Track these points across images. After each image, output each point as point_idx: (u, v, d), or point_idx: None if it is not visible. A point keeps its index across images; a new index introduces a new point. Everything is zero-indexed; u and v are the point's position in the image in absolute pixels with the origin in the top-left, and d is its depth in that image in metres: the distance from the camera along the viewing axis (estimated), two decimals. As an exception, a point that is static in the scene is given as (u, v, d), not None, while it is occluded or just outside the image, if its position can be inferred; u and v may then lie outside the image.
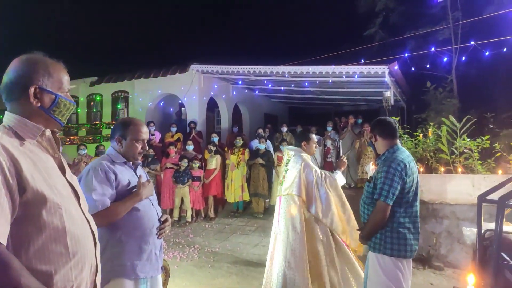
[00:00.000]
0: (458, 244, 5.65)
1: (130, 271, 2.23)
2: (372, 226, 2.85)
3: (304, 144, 4.07)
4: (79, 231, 1.42)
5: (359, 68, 8.55)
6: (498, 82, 10.65)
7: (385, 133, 3.00)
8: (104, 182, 2.24)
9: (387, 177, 2.77)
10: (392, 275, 2.81)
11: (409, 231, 2.84)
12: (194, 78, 10.68)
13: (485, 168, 6.31)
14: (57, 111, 1.49)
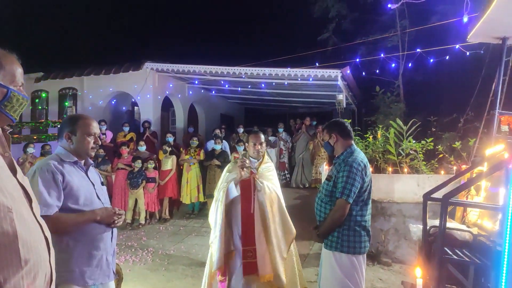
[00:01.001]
0: (405, 240, 5.96)
1: (78, 277, 2.14)
2: (331, 224, 2.92)
3: (246, 147, 3.97)
4: (32, 237, 1.31)
5: (313, 71, 8.77)
6: (441, 88, 11.39)
7: (345, 134, 3.12)
8: (50, 184, 2.12)
9: (349, 176, 2.87)
10: (349, 272, 2.92)
11: (364, 229, 2.98)
12: (148, 77, 10.41)
13: (429, 168, 6.71)
14: (9, 106, 1.41)
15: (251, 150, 3.66)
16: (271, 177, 3.67)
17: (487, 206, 3.68)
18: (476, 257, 3.25)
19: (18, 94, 1.43)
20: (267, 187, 3.51)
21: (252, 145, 3.65)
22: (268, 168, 3.70)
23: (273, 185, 3.61)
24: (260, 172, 3.60)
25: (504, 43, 4.38)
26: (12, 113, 1.43)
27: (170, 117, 13.67)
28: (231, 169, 3.70)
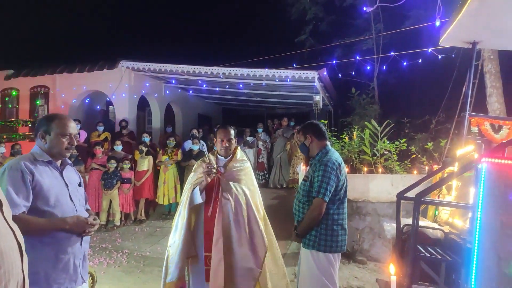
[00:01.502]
0: (379, 239, 6.09)
1: (42, 280, 2.08)
2: (309, 223, 2.97)
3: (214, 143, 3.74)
4: (3, 243, 1.24)
5: (291, 72, 8.84)
6: (414, 91, 11.72)
7: (320, 135, 3.19)
8: (19, 184, 2.05)
9: (324, 175, 2.94)
10: (326, 270, 2.98)
11: (341, 227, 3.05)
12: (123, 75, 10.22)
13: (402, 168, 6.89)
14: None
15: (218, 146, 3.31)
16: (243, 177, 3.25)
17: (457, 205, 3.81)
18: (448, 255, 3.35)
19: None
20: (235, 188, 3.13)
21: (220, 141, 3.29)
22: (240, 167, 3.29)
23: (245, 187, 3.20)
24: (228, 171, 3.23)
25: (474, 48, 4.55)
26: None
27: (146, 116, 13.46)
28: (196, 168, 3.37)
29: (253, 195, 3.23)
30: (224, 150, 3.30)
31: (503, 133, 4.18)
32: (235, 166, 3.28)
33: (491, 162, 2.93)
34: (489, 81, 7.04)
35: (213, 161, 3.22)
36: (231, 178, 3.20)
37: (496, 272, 2.79)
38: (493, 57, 7.05)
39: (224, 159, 3.31)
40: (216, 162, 3.26)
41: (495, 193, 2.89)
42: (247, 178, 3.29)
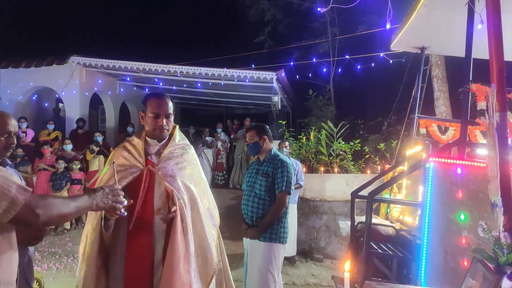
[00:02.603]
0: (335, 236, 6.25)
1: None
2: (274, 217, 3.15)
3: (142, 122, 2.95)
4: None
5: (249, 73, 8.86)
6: (367, 93, 12.16)
7: (271, 138, 3.42)
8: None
9: (288, 171, 3.21)
10: (280, 261, 3.22)
11: (287, 220, 3.29)
12: (74, 71, 9.73)
13: (356, 168, 7.12)
14: None
15: (150, 125, 2.22)
16: (187, 170, 2.26)
17: (407, 202, 3.99)
18: (399, 251, 3.50)
19: None
20: (177, 187, 2.14)
21: (152, 117, 2.19)
22: (181, 155, 2.28)
23: (191, 184, 2.23)
24: (164, 161, 2.20)
25: (422, 53, 4.79)
26: None
27: (99, 115, 12.92)
28: (113, 156, 2.25)
29: (203, 195, 2.28)
30: (159, 131, 2.21)
31: (449, 134, 4.42)
32: (174, 154, 2.25)
33: (437, 161, 3.09)
34: (436, 85, 7.46)
35: (118, 185, 1.77)
36: (169, 171, 2.17)
37: (443, 266, 2.94)
38: (440, 63, 7.48)
39: (157, 144, 2.25)
40: (146, 149, 2.22)
41: (442, 190, 3.06)
42: (194, 170, 2.30)
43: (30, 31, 16.96)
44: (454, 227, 2.94)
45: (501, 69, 1.20)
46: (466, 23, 3.20)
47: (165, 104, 2.23)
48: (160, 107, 2.21)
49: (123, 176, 2.12)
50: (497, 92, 1.20)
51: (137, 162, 2.19)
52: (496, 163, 1.19)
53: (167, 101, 2.25)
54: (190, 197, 2.18)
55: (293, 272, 5.49)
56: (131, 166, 2.18)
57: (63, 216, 1.46)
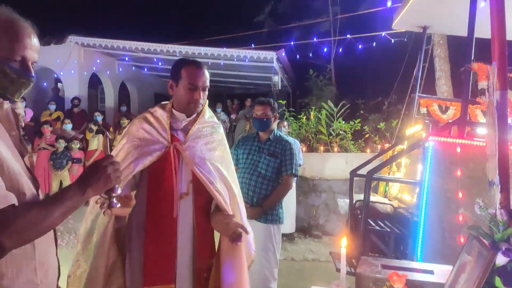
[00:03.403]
0: (334, 214, 6.33)
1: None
2: (280, 199, 3.17)
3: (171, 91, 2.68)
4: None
5: (249, 53, 8.78)
6: (368, 73, 12.09)
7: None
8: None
9: (295, 153, 3.20)
10: (280, 240, 3.27)
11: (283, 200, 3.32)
12: (72, 51, 9.63)
13: (356, 147, 7.15)
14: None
15: (184, 97, 1.85)
16: (217, 151, 1.96)
17: (405, 181, 4.02)
18: (396, 228, 3.55)
19: (8, 68, 1.10)
20: (211, 166, 1.87)
21: (188, 88, 1.83)
22: (211, 134, 1.97)
23: (224, 169, 1.93)
24: (192, 140, 1.89)
25: (424, 32, 4.73)
26: (2, 90, 1.12)
27: (98, 95, 12.86)
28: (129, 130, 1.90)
29: (234, 180, 2.00)
30: (194, 105, 1.86)
31: (449, 114, 4.42)
32: (203, 132, 1.94)
33: (437, 140, 3.10)
34: (438, 65, 7.40)
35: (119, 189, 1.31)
36: (197, 152, 1.87)
37: (440, 243, 3.00)
38: (442, 42, 7.40)
39: (185, 119, 1.92)
40: (171, 124, 1.89)
41: (441, 169, 3.08)
42: (224, 152, 2.02)
43: (27, 10, 16.66)
44: (452, 205, 2.97)
45: (502, 47, 1.20)
46: (468, 1, 3.16)
47: (204, 74, 1.88)
48: (199, 78, 1.85)
49: (142, 153, 1.79)
50: (498, 70, 1.19)
51: (161, 137, 1.84)
52: (495, 142, 1.20)
53: (205, 71, 1.90)
54: (225, 183, 1.91)
55: (292, 248, 5.59)
56: (153, 141, 1.83)
57: (41, 232, 1.07)
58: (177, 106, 1.90)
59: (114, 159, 1.21)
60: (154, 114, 1.91)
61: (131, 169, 1.76)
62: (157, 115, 1.91)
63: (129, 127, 1.91)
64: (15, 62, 1.11)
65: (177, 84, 1.87)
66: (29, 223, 1.00)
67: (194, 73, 1.84)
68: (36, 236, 1.07)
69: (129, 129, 1.90)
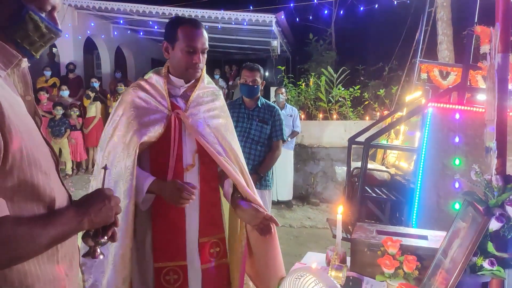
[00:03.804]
0: (332, 182, 6.38)
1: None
2: (273, 164, 3.25)
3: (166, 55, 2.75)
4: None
5: (247, 15, 8.53)
6: (369, 37, 11.79)
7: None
8: None
9: (282, 118, 3.28)
10: (270, 205, 3.43)
11: None
12: (66, 14, 9.34)
13: (355, 114, 7.10)
14: (21, 34, 0.93)
15: (182, 61, 1.67)
16: (221, 120, 1.83)
17: (403, 148, 4.01)
18: (392, 194, 3.58)
19: (40, 19, 0.93)
20: (217, 135, 1.75)
21: (186, 51, 1.65)
22: (213, 100, 1.83)
23: (232, 140, 1.81)
24: (193, 107, 1.76)
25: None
26: (27, 46, 0.95)
27: (94, 61, 12.63)
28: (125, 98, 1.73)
29: (239, 151, 1.85)
30: (193, 70, 1.70)
31: (450, 80, 4.34)
32: (204, 98, 1.81)
33: (436, 107, 3.06)
34: (440, 29, 7.18)
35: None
36: (200, 119, 1.74)
37: (436, 210, 3.03)
38: (446, 4, 7.14)
39: (184, 85, 1.75)
40: (169, 91, 1.74)
41: (438, 136, 3.06)
42: (228, 121, 1.88)
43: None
44: (448, 172, 2.98)
45: (507, 8, 1.14)
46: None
47: (202, 35, 1.68)
48: (198, 39, 1.66)
49: (143, 123, 1.64)
50: (501, 32, 1.14)
51: (160, 105, 1.70)
52: (494, 107, 1.17)
53: (204, 31, 1.70)
54: (232, 154, 1.77)
55: (290, 215, 5.67)
56: (152, 110, 1.68)
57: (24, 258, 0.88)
58: (174, 71, 1.74)
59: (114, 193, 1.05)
60: (149, 81, 1.75)
61: (135, 142, 1.61)
62: (152, 81, 1.75)
63: (123, 96, 1.74)
64: (45, 12, 0.97)
65: (173, 47, 1.69)
66: (12, 242, 0.83)
67: (192, 33, 1.66)
68: (12, 262, 0.86)
69: (123, 98, 1.73)
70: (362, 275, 1.66)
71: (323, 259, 1.78)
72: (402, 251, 1.56)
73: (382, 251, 1.59)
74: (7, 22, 0.90)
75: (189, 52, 1.65)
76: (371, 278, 1.63)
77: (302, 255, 1.88)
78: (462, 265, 1.18)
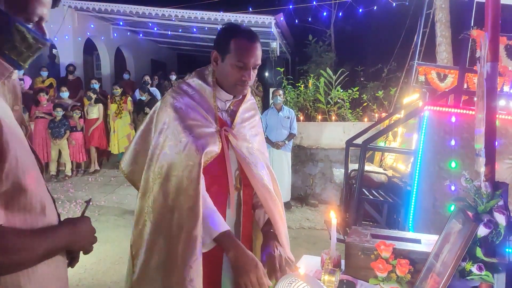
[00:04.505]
0: (330, 183, 6.40)
1: None
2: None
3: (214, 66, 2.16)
4: (53, 217, 1.02)
5: (247, 17, 8.56)
6: (369, 39, 11.81)
7: None
8: None
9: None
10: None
11: None
12: (66, 15, 9.38)
13: (354, 116, 7.12)
14: (9, 45, 0.92)
15: (231, 76, 1.49)
16: (258, 132, 1.72)
17: (399, 150, 4.03)
18: (389, 197, 3.60)
19: (26, 30, 0.93)
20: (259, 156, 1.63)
21: (237, 66, 1.47)
22: (252, 113, 1.70)
23: (265, 153, 1.71)
24: (239, 125, 1.61)
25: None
26: (15, 57, 0.94)
27: (94, 62, 12.65)
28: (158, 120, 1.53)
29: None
30: (241, 87, 1.53)
31: (447, 82, 4.37)
32: (248, 114, 1.69)
33: (432, 109, 3.08)
34: (439, 30, 7.20)
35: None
36: (247, 138, 1.62)
37: (432, 212, 3.05)
38: (444, 6, 7.17)
39: (230, 98, 1.60)
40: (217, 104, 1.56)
41: (435, 139, 3.08)
42: (263, 137, 1.78)
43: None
44: (445, 174, 3.00)
45: (496, 17, 1.16)
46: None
47: (257, 49, 1.50)
48: (251, 55, 1.48)
49: (199, 135, 1.44)
50: (490, 42, 1.16)
51: (208, 118, 1.50)
52: (483, 115, 1.19)
53: (259, 45, 1.52)
54: (270, 175, 1.65)
55: (289, 216, 5.69)
56: (203, 123, 1.49)
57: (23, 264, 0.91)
58: (220, 82, 1.55)
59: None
60: (194, 86, 1.54)
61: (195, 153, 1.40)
62: (197, 88, 1.54)
63: (166, 102, 1.50)
64: (32, 23, 0.96)
65: (223, 59, 1.49)
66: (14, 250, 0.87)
67: (246, 48, 1.47)
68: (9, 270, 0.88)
69: (166, 104, 1.49)
70: (356, 278, 1.68)
71: (318, 262, 1.80)
72: (395, 255, 1.58)
73: (376, 255, 1.61)
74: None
75: (240, 68, 1.48)
76: (365, 282, 1.65)
77: (300, 256, 1.90)
78: (452, 270, 1.20)
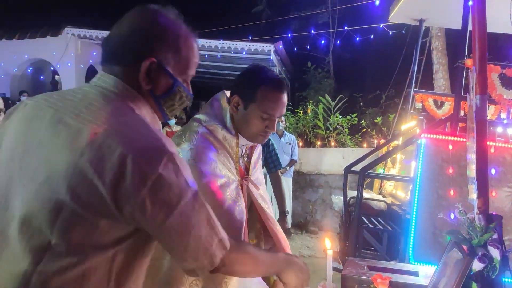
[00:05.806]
0: (331, 210, 6.34)
1: None
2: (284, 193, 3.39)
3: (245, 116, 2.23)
4: None
5: (246, 45, 8.73)
6: (366, 66, 12.00)
7: None
8: None
9: (274, 144, 3.37)
10: None
11: None
12: (69, 43, 9.58)
13: (353, 142, 7.14)
14: (168, 103, 1.01)
15: (254, 126, 1.40)
16: (261, 169, 1.71)
17: (397, 178, 4.01)
18: (389, 225, 3.55)
19: (184, 91, 1.02)
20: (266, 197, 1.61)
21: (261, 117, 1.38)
22: (259, 152, 1.67)
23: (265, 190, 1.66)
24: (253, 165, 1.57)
25: (421, 25, 4.69)
26: (168, 111, 1.03)
27: (97, 88, 12.81)
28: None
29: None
30: (263, 138, 1.45)
31: (445, 109, 4.40)
32: (257, 157, 1.64)
33: (429, 137, 3.08)
34: (435, 58, 7.34)
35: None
36: (257, 182, 1.57)
37: (432, 241, 2.99)
38: (440, 35, 7.33)
39: (247, 143, 1.51)
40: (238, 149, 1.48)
41: (432, 166, 3.06)
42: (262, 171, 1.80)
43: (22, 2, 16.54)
44: (444, 203, 2.96)
45: (483, 51, 1.18)
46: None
47: (284, 100, 1.42)
48: (278, 106, 1.39)
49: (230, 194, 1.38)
50: (478, 75, 1.18)
51: (228, 170, 1.41)
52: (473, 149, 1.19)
53: (286, 94, 1.43)
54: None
55: (289, 244, 5.60)
56: (225, 176, 1.40)
57: (247, 274, 1.11)
58: (239, 128, 1.44)
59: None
60: (216, 135, 1.41)
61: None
62: (220, 137, 1.41)
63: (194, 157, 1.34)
64: (186, 83, 1.05)
65: (246, 106, 1.38)
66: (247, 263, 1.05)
67: (273, 99, 1.37)
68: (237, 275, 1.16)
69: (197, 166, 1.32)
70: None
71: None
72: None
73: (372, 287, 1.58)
74: (161, 93, 0.99)
75: (264, 119, 1.38)
76: (361, 316, 1.60)
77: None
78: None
